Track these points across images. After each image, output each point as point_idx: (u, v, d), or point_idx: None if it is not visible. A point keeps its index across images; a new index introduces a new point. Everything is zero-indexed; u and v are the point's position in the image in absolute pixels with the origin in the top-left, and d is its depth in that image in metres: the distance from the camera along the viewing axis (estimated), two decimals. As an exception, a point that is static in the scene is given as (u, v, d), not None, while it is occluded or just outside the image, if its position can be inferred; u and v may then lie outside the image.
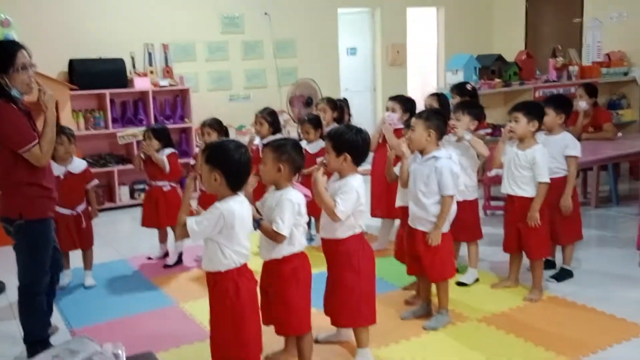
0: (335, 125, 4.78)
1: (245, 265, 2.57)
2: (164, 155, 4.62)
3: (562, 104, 4.07)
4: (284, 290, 2.80)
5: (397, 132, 4.30)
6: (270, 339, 2.95)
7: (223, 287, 2.54)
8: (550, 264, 4.24)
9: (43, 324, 3.23)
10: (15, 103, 2.98)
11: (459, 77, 6.87)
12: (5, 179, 3.00)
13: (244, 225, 2.55)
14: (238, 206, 2.51)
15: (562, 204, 3.92)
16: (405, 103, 4.56)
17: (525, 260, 3.95)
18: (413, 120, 3.44)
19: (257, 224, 2.73)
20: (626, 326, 3.39)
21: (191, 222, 2.49)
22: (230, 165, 2.50)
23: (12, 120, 2.92)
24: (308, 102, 7.44)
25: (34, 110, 3.13)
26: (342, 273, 2.97)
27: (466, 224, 3.88)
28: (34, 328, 3.18)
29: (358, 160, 2.98)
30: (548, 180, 3.67)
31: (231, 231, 2.48)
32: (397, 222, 4.59)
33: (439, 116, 3.46)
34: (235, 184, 2.54)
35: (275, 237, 2.73)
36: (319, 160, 3.11)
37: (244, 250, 2.56)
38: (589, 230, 5.11)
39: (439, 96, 4.81)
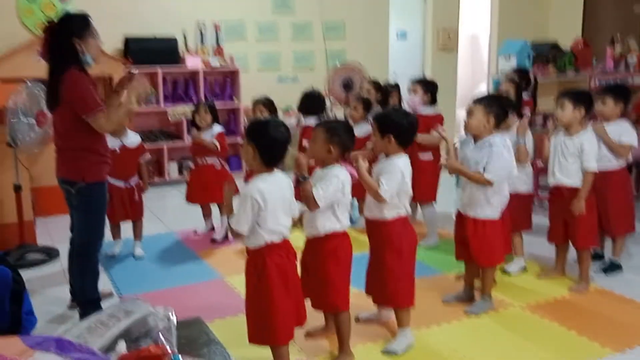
0: (378, 108, 4.78)
1: (278, 243, 2.55)
2: (213, 132, 4.71)
3: (622, 93, 3.95)
4: (324, 267, 2.82)
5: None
6: (314, 313, 2.99)
7: (252, 262, 2.58)
8: (598, 257, 4.15)
9: (95, 284, 3.39)
10: (86, 71, 3.15)
11: (512, 64, 6.74)
12: (69, 143, 3.18)
13: (280, 204, 2.54)
14: (269, 184, 2.51)
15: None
16: (427, 85, 4.48)
17: (572, 252, 3.88)
18: (470, 105, 3.38)
19: (304, 178, 2.71)
20: (675, 322, 3.31)
21: (233, 221, 2.51)
22: (265, 140, 2.51)
23: (85, 86, 3.08)
24: (346, 85, 7.39)
25: (96, 83, 3.29)
26: (384, 254, 2.99)
27: (515, 214, 3.81)
28: (87, 287, 3.35)
29: (403, 142, 2.97)
30: (595, 169, 3.59)
31: (264, 212, 2.48)
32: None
33: (499, 103, 3.40)
34: (268, 160, 2.54)
35: (310, 201, 2.70)
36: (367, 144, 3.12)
37: (281, 228, 2.55)
38: (641, 224, 4.97)
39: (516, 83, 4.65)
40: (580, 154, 3.59)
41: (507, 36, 8.01)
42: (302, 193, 2.73)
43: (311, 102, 4.98)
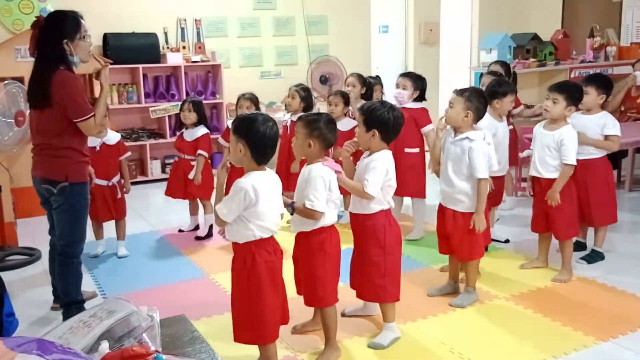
0: (362, 101, 4.75)
1: (267, 239, 2.55)
2: (197, 134, 4.69)
3: (604, 84, 3.96)
4: (312, 262, 2.82)
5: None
6: (302, 310, 2.98)
7: (241, 257, 2.56)
8: (581, 246, 4.19)
9: (78, 286, 3.35)
10: (73, 71, 3.12)
11: (493, 56, 6.78)
12: (53, 142, 3.14)
13: (271, 200, 2.53)
14: (262, 181, 2.50)
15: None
16: (416, 80, 4.43)
17: (555, 242, 3.91)
18: (452, 96, 3.38)
19: (292, 208, 2.76)
20: (657, 309, 3.35)
21: (219, 207, 2.50)
22: (256, 137, 2.49)
23: (77, 90, 3.07)
24: (321, 80, 7.39)
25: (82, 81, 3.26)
26: (368, 248, 2.99)
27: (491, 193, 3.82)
28: (70, 289, 3.31)
29: (387, 137, 2.96)
30: (574, 162, 3.61)
31: (255, 207, 2.47)
32: (407, 199, 4.70)
33: (480, 98, 3.36)
34: (259, 157, 2.52)
35: (311, 214, 2.73)
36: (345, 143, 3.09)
37: (271, 225, 2.54)
38: (623, 213, 5.01)
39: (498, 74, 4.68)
40: (560, 148, 3.61)
41: (488, 29, 8.05)
42: (300, 214, 2.76)
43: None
